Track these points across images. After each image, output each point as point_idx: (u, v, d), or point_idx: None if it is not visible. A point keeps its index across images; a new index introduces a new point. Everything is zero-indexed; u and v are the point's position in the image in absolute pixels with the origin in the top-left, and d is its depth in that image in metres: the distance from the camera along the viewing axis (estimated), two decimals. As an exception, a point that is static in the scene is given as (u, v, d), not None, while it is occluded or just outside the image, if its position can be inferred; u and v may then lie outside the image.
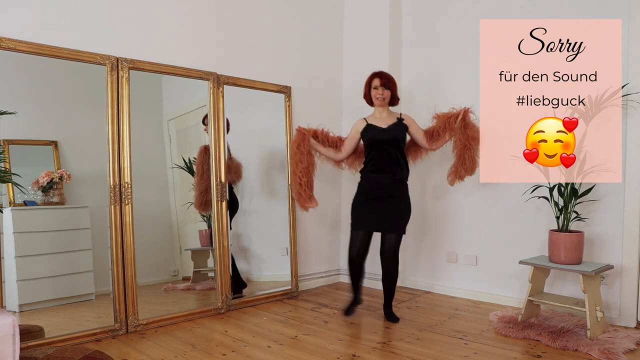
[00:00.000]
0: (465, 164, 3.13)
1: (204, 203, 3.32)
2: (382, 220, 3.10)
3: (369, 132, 3.16)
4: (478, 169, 3.19)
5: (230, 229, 3.49)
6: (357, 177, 4.02)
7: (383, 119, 3.19)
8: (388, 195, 3.09)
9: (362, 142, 3.26)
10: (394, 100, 3.25)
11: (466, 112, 3.11)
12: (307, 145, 3.22)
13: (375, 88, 3.17)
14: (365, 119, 3.24)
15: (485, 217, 3.60)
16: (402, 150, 3.18)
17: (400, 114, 3.24)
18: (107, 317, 2.80)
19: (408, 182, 3.23)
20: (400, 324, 3.04)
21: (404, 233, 3.16)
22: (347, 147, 3.31)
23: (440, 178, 3.86)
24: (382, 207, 3.10)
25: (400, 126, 3.17)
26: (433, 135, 3.19)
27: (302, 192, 3.25)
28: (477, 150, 3.14)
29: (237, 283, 3.52)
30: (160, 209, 3.35)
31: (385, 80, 3.17)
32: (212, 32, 3.42)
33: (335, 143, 3.34)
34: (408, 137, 3.29)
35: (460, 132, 3.12)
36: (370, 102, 3.25)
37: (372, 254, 3.25)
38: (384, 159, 3.11)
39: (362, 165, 3.24)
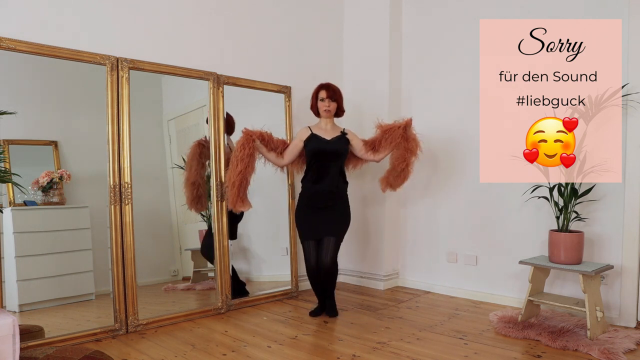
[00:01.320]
0: (396, 173, 3.25)
1: (195, 198, 3.30)
2: (322, 227, 3.15)
3: (312, 142, 3.20)
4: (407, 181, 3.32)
5: (235, 238, 3.48)
6: (357, 176, 4.04)
7: (327, 131, 3.24)
8: (327, 204, 3.16)
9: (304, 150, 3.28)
10: (339, 112, 3.32)
11: (407, 123, 3.17)
12: (251, 147, 3.17)
13: (322, 100, 3.22)
14: (309, 127, 3.27)
15: (485, 217, 3.60)
16: (342, 163, 3.26)
17: (344, 129, 3.30)
18: (107, 317, 2.80)
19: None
20: (400, 324, 3.04)
21: (341, 240, 3.21)
22: (290, 154, 3.30)
23: (440, 178, 3.86)
24: (322, 215, 3.16)
25: (342, 140, 3.23)
26: (375, 145, 3.25)
27: (234, 194, 3.13)
28: (411, 164, 3.23)
29: (238, 286, 3.53)
30: (160, 209, 3.35)
31: (332, 93, 3.23)
32: (212, 32, 3.42)
33: (278, 147, 3.31)
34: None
35: (401, 143, 3.20)
36: (316, 113, 3.30)
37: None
38: (324, 170, 3.17)
39: (303, 174, 3.29)
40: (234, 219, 3.45)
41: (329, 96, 3.22)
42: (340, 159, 3.23)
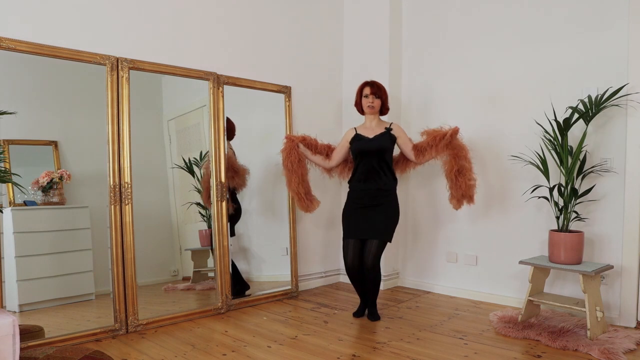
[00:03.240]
0: (465, 194, 3.11)
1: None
2: (367, 227, 3.11)
3: (356, 142, 3.20)
4: (476, 192, 3.17)
5: (234, 235, 3.49)
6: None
7: (372, 129, 3.22)
8: (374, 203, 3.12)
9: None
10: (384, 110, 3.28)
11: (454, 131, 3.08)
12: (297, 153, 3.21)
13: (366, 96, 3.20)
14: (355, 128, 3.27)
15: (485, 217, 3.60)
16: (388, 160, 3.19)
17: (391, 124, 3.26)
18: (107, 317, 2.80)
19: (399, 190, 3.24)
20: (400, 324, 3.04)
21: (389, 241, 3.16)
22: (337, 156, 3.32)
23: (440, 178, 3.86)
24: (368, 215, 3.12)
25: (386, 136, 3.19)
26: (420, 150, 3.20)
27: (301, 200, 3.24)
28: (467, 170, 3.09)
29: (241, 285, 3.53)
30: (160, 209, 3.35)
31: (376, 89, 3.20)
32: (212, 32, 3.42)
33: (324, 150, 3.34)
34: (397, 149, 3.31)
35: (446, 152, 3.12)
36: (361, 110, 3.28)
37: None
38: (370, 168, 3.14)
39: (351, 175, 3.27)
40: (233, 219, 3.46)
41: (373, 92, 3.19)
42: (385, 156, 3.17)
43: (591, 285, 2.70)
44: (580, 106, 2.93)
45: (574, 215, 2.94)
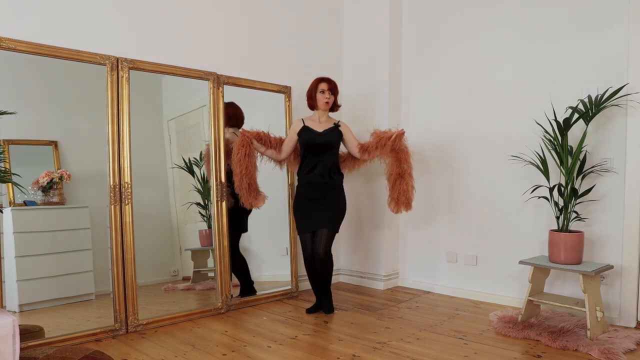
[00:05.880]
0: (400, 197, 3.19)
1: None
2: (317, 219, 3.19)
3: (305, 134, 3.26)
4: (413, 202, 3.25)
5: (246, 230, 3.53)
6: (357, 175, 4.04)
7: (320, 123, 3.29)
8: (322, 195, 3.21)
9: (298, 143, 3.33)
10: (334, 107, 3.35)
11: (399, 134, 3.15)
12: (247, 148, 3.21)
13: (322, 92, 3.27)
14: (302, 119, 3.32)
15: (485, 217, 3.60)
16: (334, 155, 3.28)
17: (338, 121, 3.34)
18: (107, 317, 2.80)
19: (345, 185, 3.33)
20: (400, 324, 3.04)
21: (337, 231, 3.24)
22: (286, 148, 3.37)
23: (440, 178, 3.86)
24: (317, 207, 3.20)
25: (335, 132, 3.27)
26: (366, 149, 3.26)
27: (244, 194, 3.23)
28: (407, 174, 3.17)
29: (247, 287, 3.53)
30: (160, 209, 3.35)
31: (333, 86, 3.29)
32: (212, 32, 3.42)
33: (277, 144, 3.37)
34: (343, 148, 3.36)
35: (391, 154, 3.19)
36: (313, 105, 3.33)
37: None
38: (317, 162, 3.21)
39: (298, 167, 3.33)
40: (244, 212, 3.47)
41: (330, 89, 3.27)
42: (332, 150, 3.27)
43: (591, 285, 2.70)
44: (580, 106, 2.93)
45: (574, 215, 2.94)
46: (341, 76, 4.30)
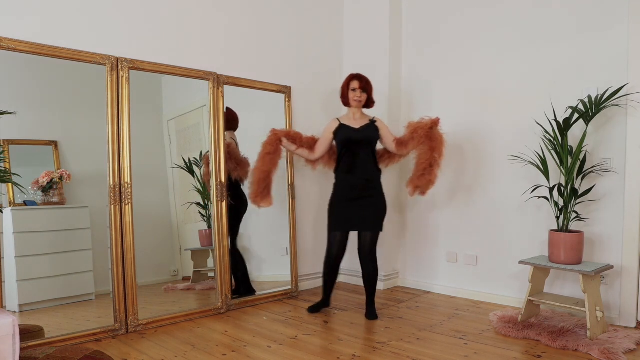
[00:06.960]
0: (421, 186, 3.18)
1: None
2: (357, 220, 3.15)
3: (342, 132, 3.21)
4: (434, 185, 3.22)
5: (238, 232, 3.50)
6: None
7: (356, 120, 3.25)
8: (362, 195, 3.15)
9: (334, 142, 3.30)
10: (369, 103, 3.31)
11: (434, 122, 3.12)
12: (274, 146, 3.19)
13: (354, 90, 3.23)
14: (338, 119, 3.29)
15: (485, 217, 3.60)
16: (373, 152, 3.23)
17: (374, 117, 3.30)
18: (107, 317, 2.80)
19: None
20: (400, 324, 3.04)
21: (381, 230, 3.22)
22: (321, 147, 3.32)
23: (440, 178, 3.86)
24: (357, 207, 3.15)
25: (372, 128, 3.23)
26: (402, 142, 3.23)
27: (255, 190, 3.18)
28: (436, 164, 3.15)
29: (246, 287, 3.53)
30: (160, 209, 3.35)
31: (364, 84, 3.23)
32: (212, 32, 3.42)
33: (309, 143, 3.34)
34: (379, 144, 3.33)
35: (426, 143, 3.15)
36: (346, 103, 3.30)
37: (347, 252, 3.22)
38: (356, 159, 3.17)
39: (336, 165, 3.29)
40: (237, 215, 3.46)
41: (361, 87, 3.22)
42: (371, 146, 3.21)
43: (591, 285, 2.70)
44: (580, 106, 2.93)
45: (574, 215, 2.94)
46: (341, 76, 4.30)
